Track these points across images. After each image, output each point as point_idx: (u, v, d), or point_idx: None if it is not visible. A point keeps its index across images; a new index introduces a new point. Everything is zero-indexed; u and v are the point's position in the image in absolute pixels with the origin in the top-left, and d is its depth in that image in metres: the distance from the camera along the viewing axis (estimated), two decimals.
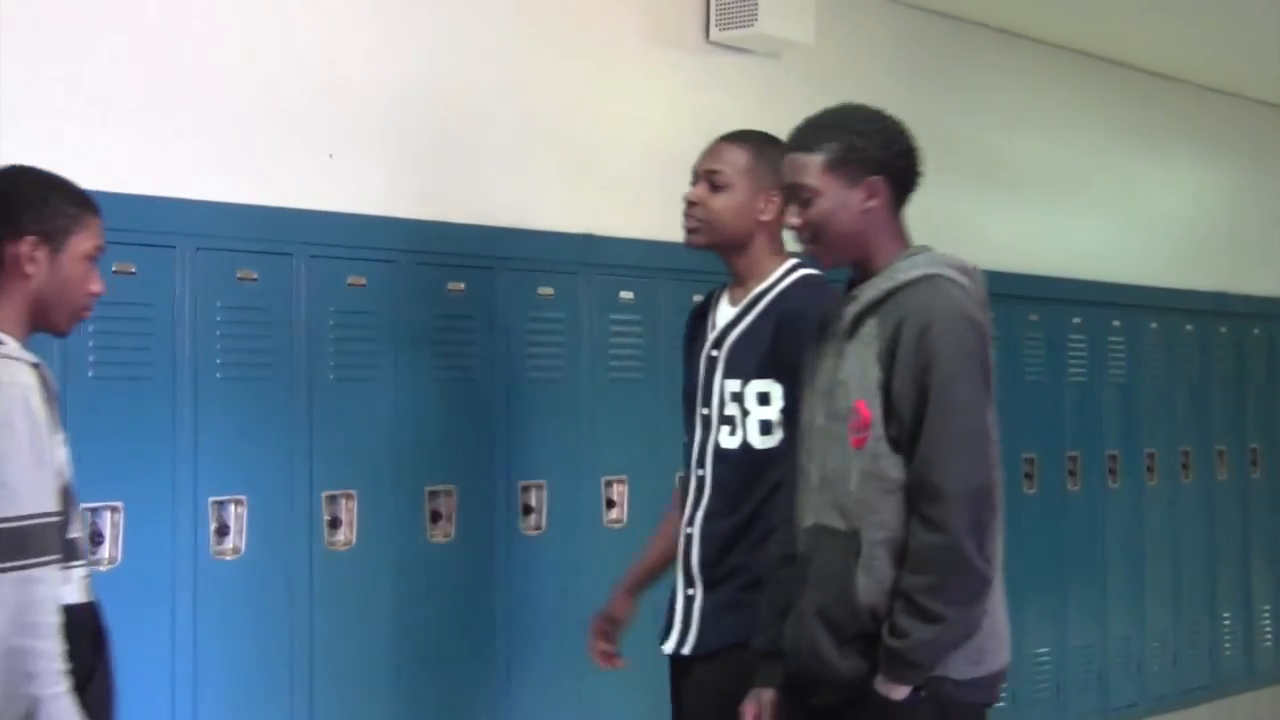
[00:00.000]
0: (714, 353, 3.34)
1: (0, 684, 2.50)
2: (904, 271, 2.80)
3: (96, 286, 2.81)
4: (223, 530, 3.84)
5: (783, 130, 5.20)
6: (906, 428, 2.71)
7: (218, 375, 3.87)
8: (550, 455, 4.59)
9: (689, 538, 3.34)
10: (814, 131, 2.90)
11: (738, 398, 3.28)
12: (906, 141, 2.92)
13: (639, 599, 3.55)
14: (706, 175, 3.34)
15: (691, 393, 3.39)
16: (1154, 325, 7.16)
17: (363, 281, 4.14)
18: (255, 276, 3.94)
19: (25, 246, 2.71)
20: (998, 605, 2.80)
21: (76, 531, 2.71)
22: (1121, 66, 7.29)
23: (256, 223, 3.96)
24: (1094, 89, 7.15)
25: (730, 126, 5.30)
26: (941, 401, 2.68)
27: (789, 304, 3.28)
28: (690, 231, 3.35)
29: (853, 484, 2.76)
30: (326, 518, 4.05)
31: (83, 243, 2.77)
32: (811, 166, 2.86)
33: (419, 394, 4.29)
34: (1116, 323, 6.92)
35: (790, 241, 3.15)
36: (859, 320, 2.80)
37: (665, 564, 3.50)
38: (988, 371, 2.75)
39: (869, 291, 2.81)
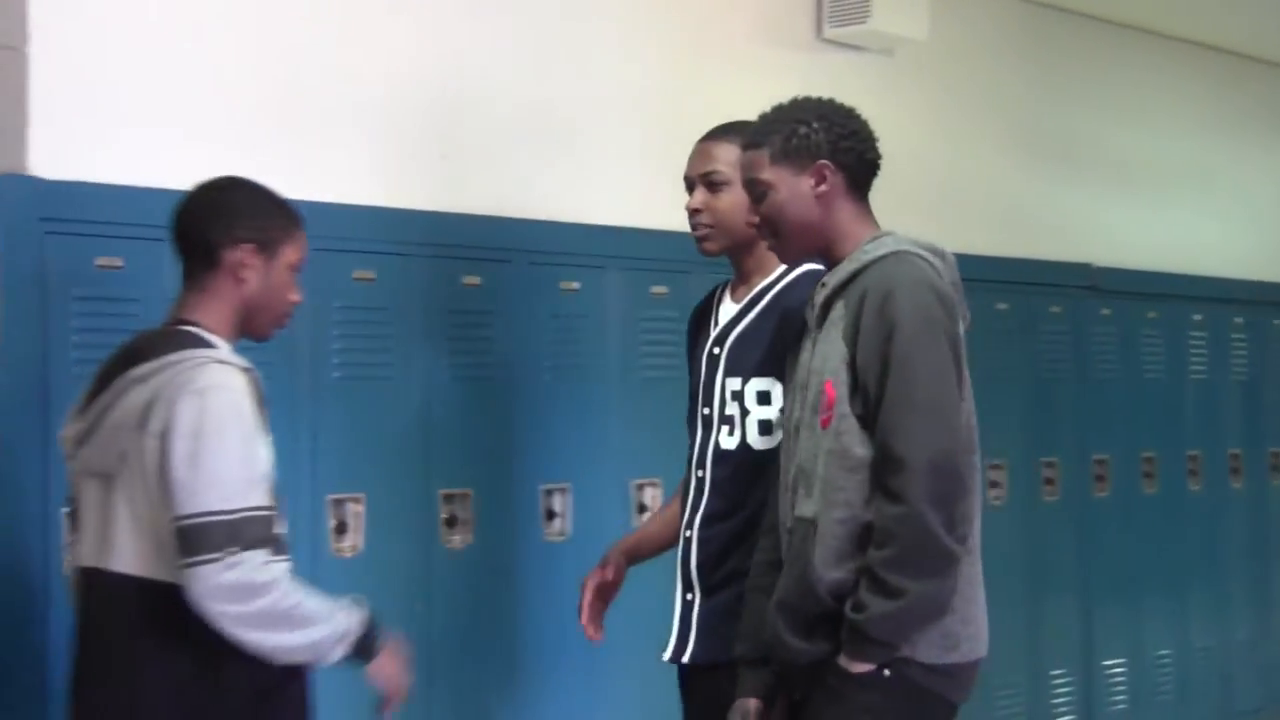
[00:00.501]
0: (715, 351, 3.28)
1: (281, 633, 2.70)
2: (869, 253, 2.77)
3: (296, 296, 2.93)
4: None
5: (898, 126, 5.17)
6: (872, 400, 2.65)
7: (335, 375, 3.93)
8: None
9: (688, 541, 3.26)
10: (760, 127, 2.89)
11: (738, 397, 3.22)
12: (852, 124, 2.87)
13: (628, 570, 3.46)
14: (703, 179, 3.24)
15: (696, 392, 3.33)
16: (1277, 322, 7.03)
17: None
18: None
19: (242, 254, 2.84)
20: (974, 593, 2.74)
21: (282, 528, 2.82)
22: (1241, 58, 7.17)
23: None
24: (1213, 81, 7.04)
25: None
26: (902, 369, 2.62)
27: (792, 301, 3.20)
28: (702, 240, 3.26)
29: (820, 465, 2.70)
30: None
31: (291, 253, 2.90)
32: (760, 161, 2.86)
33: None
34: (1239, 319, 6.80)
35: None
36: (828, 305, 2.78)
37: (665, 543, 3.42)
38: (955, 345, 2.69)
39: (836, 275, 2.80)
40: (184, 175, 3.68)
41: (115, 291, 3.59)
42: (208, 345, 2.78)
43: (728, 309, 3.32)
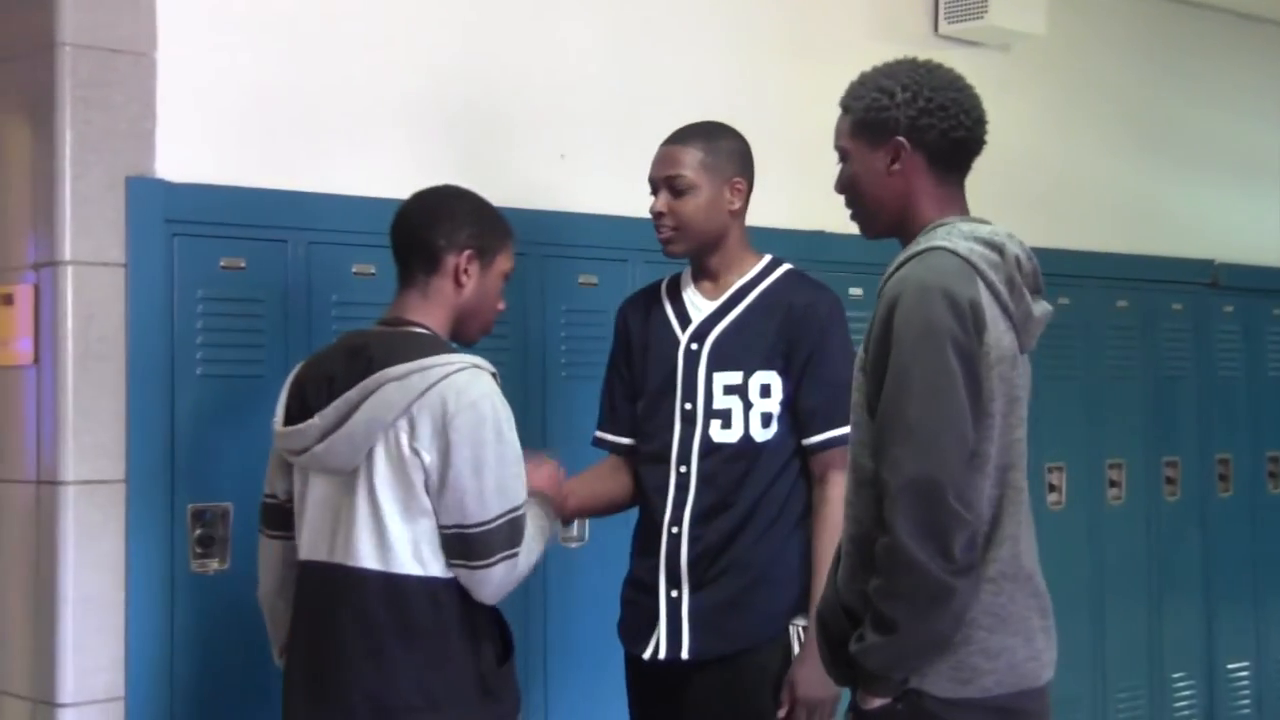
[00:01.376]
0: (694, 346, 3.27)
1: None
2: (919, 244, 2.54)
3: (502, 304, 3.09)
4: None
5: (1016, 123, 5.14)
6: (875, 415, 2.46)
7: None
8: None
9: (675, 538, 3.23)
10: (851, 88, 2.68)
11: (738, 390, 3.21)
12: (942, 96, 2.59)
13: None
14: (666, 183, 3.27)
15: (662, 388, 3.28)
16: None
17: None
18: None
19: (464, 259, 2.97)
20: (1006, 623, 2.49)
21: None
22: None
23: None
24: None
25: None
26: (895, 386, 2.40)
27: (798, 298, 3.24)
28: (667, 243, 3.29)
29: (847, 474, 2.60)
30: None
31: (504, 262, 3.06)
32: (843, 126, 2.68)
33: None
34: None
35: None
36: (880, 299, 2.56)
37: (601, 505, 3.45)
38: (967, 356, 2.40)
39: (889, 268, 2.56)
40: (303, 178, 3.80)
41: (238, 292, 3.66)
42: (448, 349, 2.92)
43: (698, 304, 3.31)
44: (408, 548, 2.85)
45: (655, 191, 3.30)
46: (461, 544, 2.83)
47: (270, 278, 3.71)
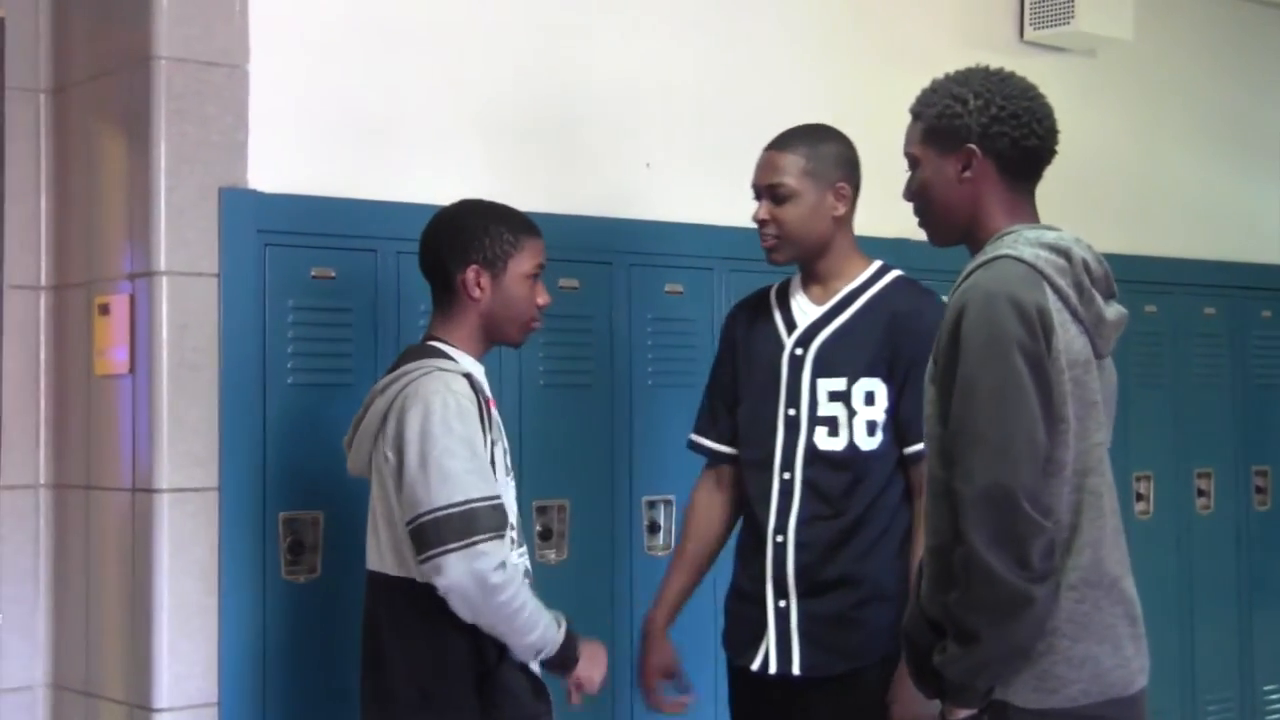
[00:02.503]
0: (798, 351, 3.22)
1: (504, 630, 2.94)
2: (987, 253, 2.53)
3: (542, 300, 3.15)
4: None
5: (1102, 129, 5.09)
6: (947, 424, 2.44)
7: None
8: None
9: (780, 546, 3.18)
10: (922, 95, 2.68)
11: (842, 397, 3.16)
12: (1015, 104, 2.59)
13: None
14: (768, 191, 3.23)
15: (766, 393, 3.24)
16: None
17: None
18: None
19: (470, 274, 3.08)
20: (1089, 630, 2.45)
21: (511, 519, 3.02)
22: None
23: None
24: None
25: None
26: (964, 394, 2.39)
27: (903, 304, 3.18)
28: (771, 250, 3.25)
29: (925, 485, 2.58)
30: None
31: (521, 264, 3.11)
32: (913, 133, 2.68)
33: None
34: None
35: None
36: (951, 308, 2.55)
37: (694, 587, 3.39)
38: (1036, 362, 2.38)
39: (960, 277, 2.55)
40: (393, 188, 3.83)
41: (328, 301, 3.70)
42: (443, 355, 3.04)
43: (806, 309, 3.27)
44: (392, 549, 2.97)
45: (758, 198, 3.27)
46: (417, 536, 2.88)
47: (360, 287, 3.74)
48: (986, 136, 2.58)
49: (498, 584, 2.85)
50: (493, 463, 2.97)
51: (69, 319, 3.80)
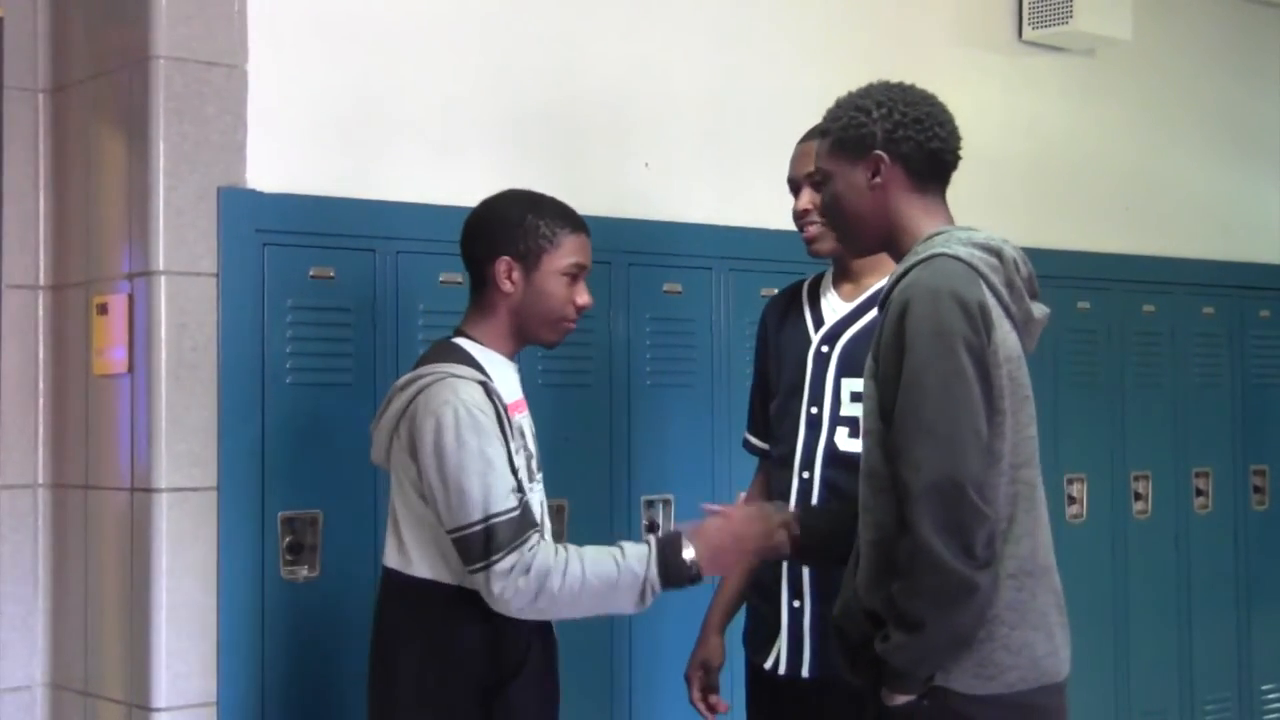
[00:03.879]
0: (824, 349, 3.17)
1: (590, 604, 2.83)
2: (917, 254, 2.59)
3: (581, 300, 3.00)
4: None
5: (1101, 128, 5.09)
6: (890, 419, 2.50)
7: None
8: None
9: None
10: (828, 113, 2.76)
11: (863, 398, 3.12)
12: (916, 110, 2.67)
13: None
14: (809, 180, 3.16)
15: (792, 390, 3.20)
16: None
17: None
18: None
19: (502, 266, 2.95)
20: (1026, 618, 2.52)
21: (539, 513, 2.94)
22: None
23: None
24: None
25: (1044, 127, 5.28)
26: (910, 388, 2.45)
27: None
28: (813, 240, 3.18)
29: (860, 483, 2.61)
30: None
31: (557, 259, 2.97)
32: (821, 148, 2.74)
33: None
34: None
35: None
36: (883, 310, 2.61)
37: (744, 591, 3.34)
38: (979, 357, 2.45)
39: (889, 279, 2.63)
40: (392, 188, 3.84)
41: (327, 301, 3.70)
42: (465, 356, 2.92)
43: (835, 306, 3.22)
44: (414, 547, 2.88)
45: (795, 191, 3.22)
46: (458, 549, 2.81)
47: (359, 287, 3.74)
48: (891, 141, 2.65)
49: (532, 590, 2.76)
50: (514, 470, 2.85)
51: (67, 318, 3.80)
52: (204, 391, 3.52)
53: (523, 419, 3.01)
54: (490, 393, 2.85)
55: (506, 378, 2.98)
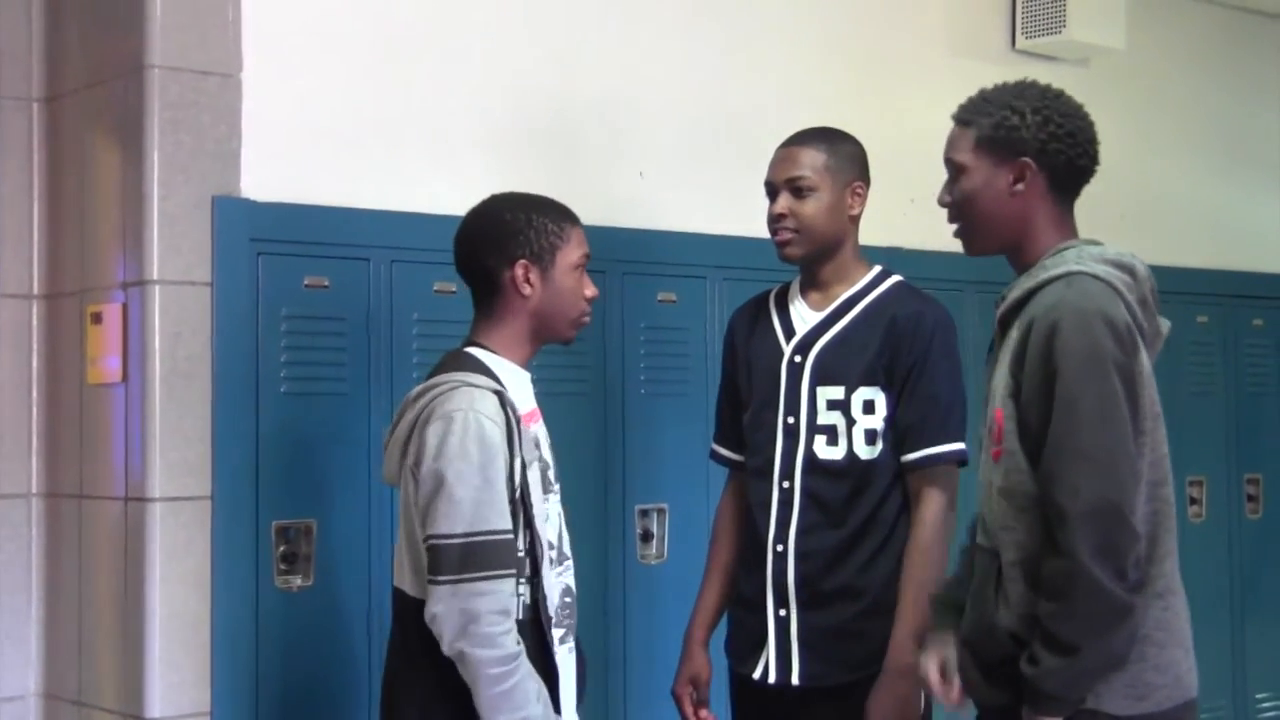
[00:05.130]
0: (797, 358, 3.19)
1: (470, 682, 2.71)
2: (1048, 269, 2.59)
3: (590, 291, 2.98)
4: None
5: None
6: (1035, 439, 2.51)
7: None
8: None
9: (780, 555, 3.15)
10: (974, 103, 2.72)
11: (840, 406, 3.13)
12: (1071, 123, 2.66)
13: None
14: (788, 185, 3.20)
15: (766, 400, 3.21)
16: None
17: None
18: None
19: (519, 271, 2.90)
20: (1171, 636, 2.56)
21: (522, 550, 2.81)
22: None
23: None
24: None
25: None
26: (1065, 411, 2.46)
27: (902, 310, 3.14)
28: (784, 245, 3.21)
29: (993, 499, 2.60)
30: None
31: (570, 254, 2.94)
32: (963, 141, 2.70)
33: None
34: None
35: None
36: (1006, 323, 2.64)
37: (728, 601, 3.34)
38: (1129, 378, 2.48)
39: (1014, 290, 2.64)
40: (386, 197, 3.84)
41: (321, 310, 3.69)
42: (481, 366, 2.86)
43: (805, 315, 3.24)
44: (411, 568, 2.82)
45: (773, 195, 3.24)
46: (427, 557, 2.74)
47: (353, 296, 3.74)
48: (1044, 152, 2.63)
49: (481, 634, 2.68)
50: (525, 486, 2.79)
51: (62, 328, 3.80)
52: (198, 401, 3.51)
53: (538, 429, 2.97)
54: (505, 403, 2.80)
55: (521, 387, 2.93)
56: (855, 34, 4.85)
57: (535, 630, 2.82)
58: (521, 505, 2.79)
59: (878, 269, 3.26)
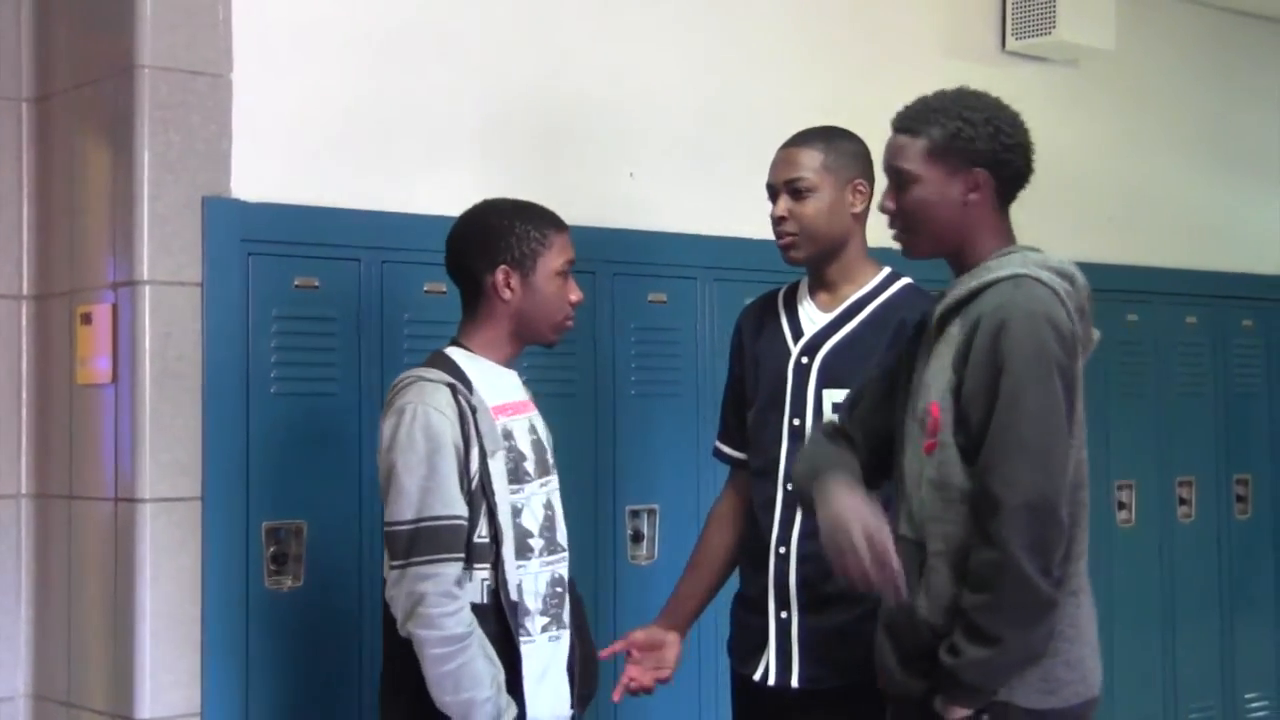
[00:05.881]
0: (804, 360, 3.15)
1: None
2: (993, 270, 2.62)
3: (574, 296, 3.09)
4: None
5: (1084, 138, 5.09)
6: (974, 434, 2.54)
7: None
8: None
9: (782, 558, 3.12)
10: (922, 114, 2.70)
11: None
12: (1018, 134, 2.70)
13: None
14: (787, 186, 3.16)
15: (772, 401, 3.17)
16: None
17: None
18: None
19: (500, 276, 3.02)
20: (1081, 633, 2.60)
21: (484, 536, 2.92)
22: None
23: None
24: None
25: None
26: (1009, 407, 2.50)
27: (910, 314, 3.07)
28: (788, 248, 3.17)
29: (922, 491, 2.61)
30: None
31: (551, 261, 3.04)
32: (912, 150, 2.68)
33: None
34: None
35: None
36: (945, 320, 2.65)
37: (709, 590, 3.33)
38: (1069, 381, 2.54)
39: (956, 290, 2.66)
40: (377, 197, 3.83)
41: (312, 310, 3.69)
42: (445, 363, 2.99)
43: (813, 317, 3.20)
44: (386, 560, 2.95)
45: (774, 197, 3.20)
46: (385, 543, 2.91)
47: (343, 296, 3.74)
48: (997, 162, 2.67)
49: (425, 615, 2.80)
50: (487, 475, 2.90)
51: (51, 328, 3.79)
52: (188, 401, 3.51)
53: (515, 421, 3.04)
54: (458, 394, 2.91)
55: (498, 383, 3.03)
56: (846, 34, 4.85)
57: (499, 616, 2.90)
58: (483, 494, 2.89)
59: (887, 270, 3.21)
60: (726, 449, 3.39)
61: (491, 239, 3.02)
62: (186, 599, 3.49)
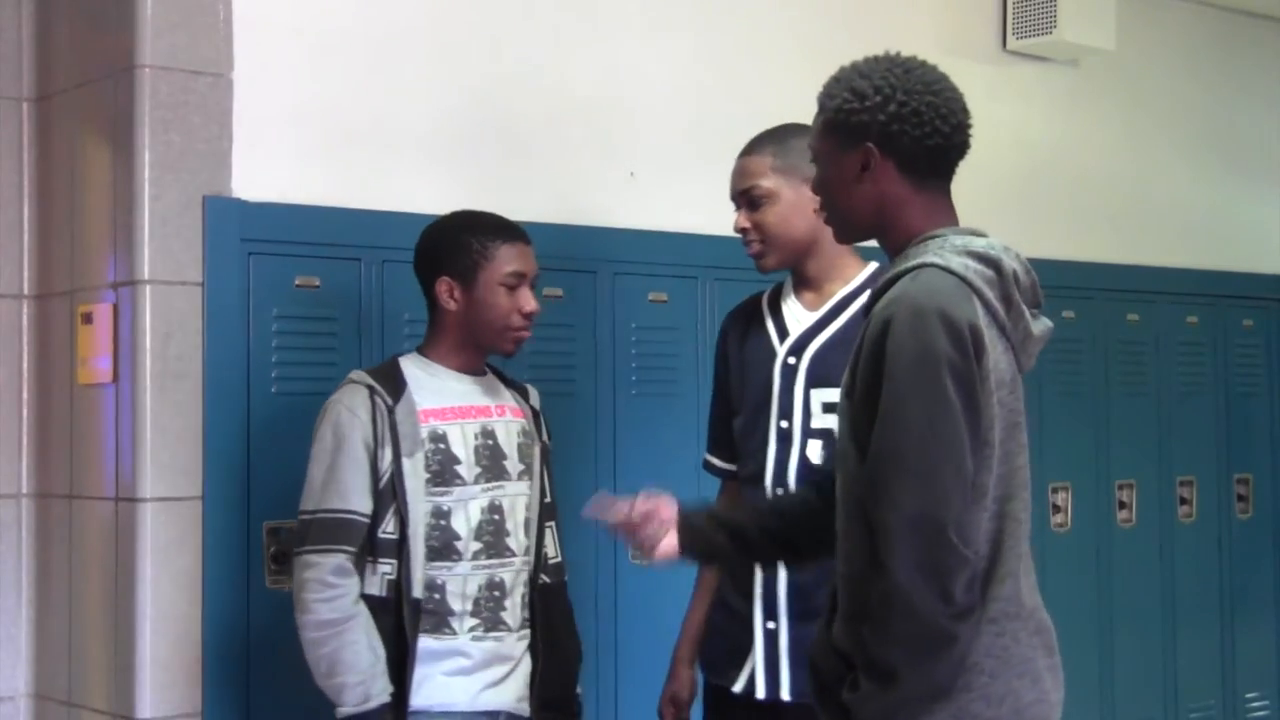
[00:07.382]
0: (791, 360, 3.06)
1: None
2: (910, 259, 2.35)
3: (527, 307, 3.18)
4: None
5: (1085, 137, 5.09)
6: (863, 446, 2.27)
7: None
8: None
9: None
10: (827, 86, 2.50)
11: (835, 409, 2.88)
12: (917, 100, 2.39)
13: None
14: (743, 197, 3.11)
15: (760, 405, 3.08)
16: None
17: None
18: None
19: (443, 286, 3.17)
20: (1008, 664, 2.29)
21: (390, 533, 3.06)
22: None
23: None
24: None
25: (1028, 136, 5.30)
26: (890, 416, 2.22)
27: None
28: (758, 258, 3.11)
29: (838, 507, 2.39)
30: None
31: (493, 272, 3.14)
32: (815, 125, 2.51)
33: None
34: None
35: None
36: (866, 319, 2.38)
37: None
38: (968, 382, 2.23)
39: (878, 285, 2.40)
40: (377, 197, 3.83)
41: (312, 310, 3.69)
42: (386, 366, 3.19)
43: (798, 316, 3.12)
44: None
45: (738, 209, 3.15)
46: None
47: (344, 296, 3.74)
48: (886, 134, 2.39)
49: (302, 600, 3.01)
50: (399, 474, 3.02)
51: (52, 328, 3.80)
52: (189, 401, 3.51)
53: (452, 425, 3.12)
54: (375, 395, 3.07)
55: (444, 388, 3.16)
56: (845, 34, 4.84)
57: (398, 610, 3.04)
58: (392, 492, 3.02)
59: (873, 266, 3.13)
60: (715, 461, 3.30)
61: (436, 250, 3.19)
62: (187, 599, 3.49)
